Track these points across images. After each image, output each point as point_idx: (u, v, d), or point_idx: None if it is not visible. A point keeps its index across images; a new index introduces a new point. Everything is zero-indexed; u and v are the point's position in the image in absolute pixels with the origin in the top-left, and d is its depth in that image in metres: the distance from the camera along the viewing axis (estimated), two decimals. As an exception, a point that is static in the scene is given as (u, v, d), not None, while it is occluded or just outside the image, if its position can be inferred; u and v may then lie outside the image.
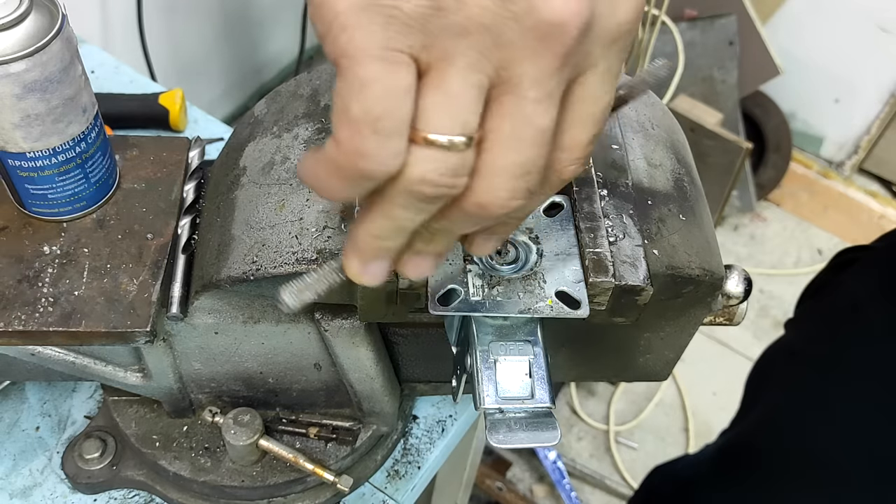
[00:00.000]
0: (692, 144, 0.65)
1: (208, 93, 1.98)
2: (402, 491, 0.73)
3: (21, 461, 0.71)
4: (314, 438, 0.69)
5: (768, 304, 2.19)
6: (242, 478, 0.67)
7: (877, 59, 2.12)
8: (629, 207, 0.55)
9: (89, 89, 0.56)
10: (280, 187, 0.56)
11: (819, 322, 0.94)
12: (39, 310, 0.54)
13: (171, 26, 1.76)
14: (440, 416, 0.77)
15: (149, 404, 0.69)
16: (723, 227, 2.33)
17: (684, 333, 0.62)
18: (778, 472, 0.85)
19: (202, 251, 0.58)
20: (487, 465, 1.78)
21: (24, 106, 0.51)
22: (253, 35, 2.05)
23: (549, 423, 0.48)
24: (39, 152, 0.54)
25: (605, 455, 1.89)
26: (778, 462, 0.86)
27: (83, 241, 0.58)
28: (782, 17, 2.16)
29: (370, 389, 0.64)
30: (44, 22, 0.51)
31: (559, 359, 0.65)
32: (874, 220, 2.28)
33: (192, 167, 0.63)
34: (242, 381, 0.65)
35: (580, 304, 0.50)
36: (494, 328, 0.51)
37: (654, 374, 0.67)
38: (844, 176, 2.36)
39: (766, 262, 2.28)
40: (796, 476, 0.84)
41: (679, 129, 0.64)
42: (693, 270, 0.54)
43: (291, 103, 0.61)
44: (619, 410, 1.95)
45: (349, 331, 0.58)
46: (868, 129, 2.27)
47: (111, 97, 0.95)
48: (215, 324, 0.59)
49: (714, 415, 1.95)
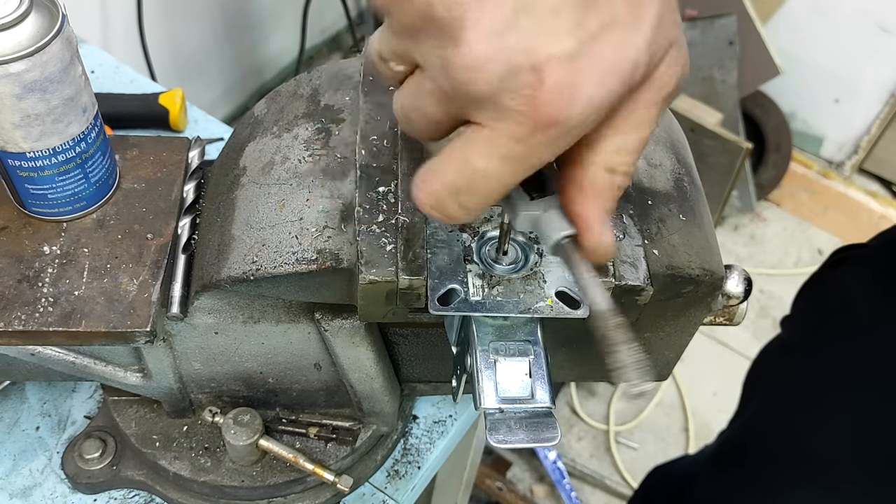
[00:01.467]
0: (692, 144, 0.65)
1: (208, 93, 1.99)
2: (402, 491, 0.73)
3: (21, 461, 0.71)
4: (314, 438, 0.69)
5: (768, 304, 2.19)
6: (242, 478, 0.67)
7: (877, 59, 2.12)
8: (629, 207, 0.55)
9: (89, 89, 0.56)
10: (280, 187, 0.56)
11: (811, 318, 0.95)
12: (39, 310, 0.54)
13: (171, 26, 1.76)
14: (440, 416, 0.77)
15: (149, 404, 0.69)
16: (723, 227, 2.33)
17: (684, 333, 0.62)
18: (770, 466, 0.86)
19: (202, 251, 0.58)
20: (487, 465, 1.78)
21: (24, 106, 0.51)
22: (253, 35, 2.05)
23: (549, 423, 0.48)
24: (39, 152, 0.54)
25: (605, 455, 1.89)
26: (770, 457, 0.87)
27: (83, 241, 0.58)
28: (782, 17, 2.16)
29: (370, 389, 0.64)
30: (44, 22, 0.51)
31: (559, 359, 0.65)
32: (874, 220, 2.28)
33: (192, 167, 0.63)
34: (242, 381, 0.65)
35: (580, 304, 0.50)
36: (494, 328, 0.51)
37: (655, 375, 0.67)
38: (844, 176, 2.36)
39: (766, 262, 2.28)
40: (788, 470, 0.84)
41: (679, 129, 0.64)
42: (693, 270, 0.54)
43: (291, 103, 0.61)
44: (619, 410, 1.95)
45: (349, 331, 0.58)
46: (868, 129, 2.27)
47: (111, 97, 0.95)
48: (215, 324, 0.59)
49: (714, 415, 1.95)
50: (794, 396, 0.88)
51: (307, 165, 0.56)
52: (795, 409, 0.87)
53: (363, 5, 2.31)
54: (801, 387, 0.88)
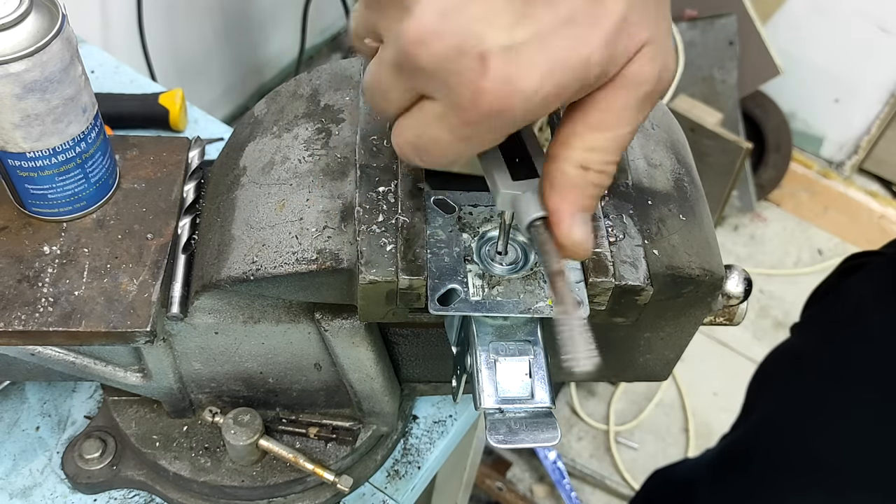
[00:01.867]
0: (692, 144, 0.65)
1: (208, 93, 1.98)
2: (402, 491, 0.73)
3: (21, 461, 0.71)
4: (314, 438, 0.69)
5: (768, 304, 2.19)
6: (242, 478, 0.67)
7: (877, 59, 2.12)
8: (629, 207, 0.55)
9: (89, 89, 0.56)
10: (280, 187, 0.56)
11: (823, 326, 0.94)
12: (39, 310, 0.54)
13: (171, 26, 1.76)
14: (440, 416, 0.77)
15: (149, 404, 0.69)
16: (723, 227, 2.33)
17: (684, 333, 0.62)
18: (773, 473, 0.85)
19: (202, 251, 0.58)
20: (487, 465, 1.78)
21: (24, 106, 0.51)
22: (253, 35, 2.05)
23: (549, 423, 0.49)
24: (39, 152, 0.54)
25: (605, 455, 1.89)
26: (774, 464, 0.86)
27: (83, 241, 0.58)
28: (782, 17, 2.16)
29: (370, 389, 0.64)
30: (44, 22, 0.51)
31: (559, 359, 0.65)
32: (874, 220, 2.28)
33: (192, 167, 0.63)
34: (242, 381, 0.65)
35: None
36: (494, 328, 0.51)
37: (655, 374, 0.67)
38: (844, 176, 2.36)
39: (766, 262, 2.28)
40: (791, 477, 0.84)
41: (679, 129, 0.64)
42: (693, 270, 0.54)
43: (291, 103, 0.61)
44: (619, 410, 1.95)
45: (349, 331, 0.58)
46: (868, 129, 2.27)
47: (111, 97, 0.95)
48: (215, 324, 0.59)
49: (714, 415, 1.95)
50: (802, 403, 0.88)
51: (307, 165, 0.56)
52: (802, 415, 0.87)
53: (363, 5, 2.31)
54: (810, 394, 0.87)
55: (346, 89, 0.61)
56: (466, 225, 0.53)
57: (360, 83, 0.61)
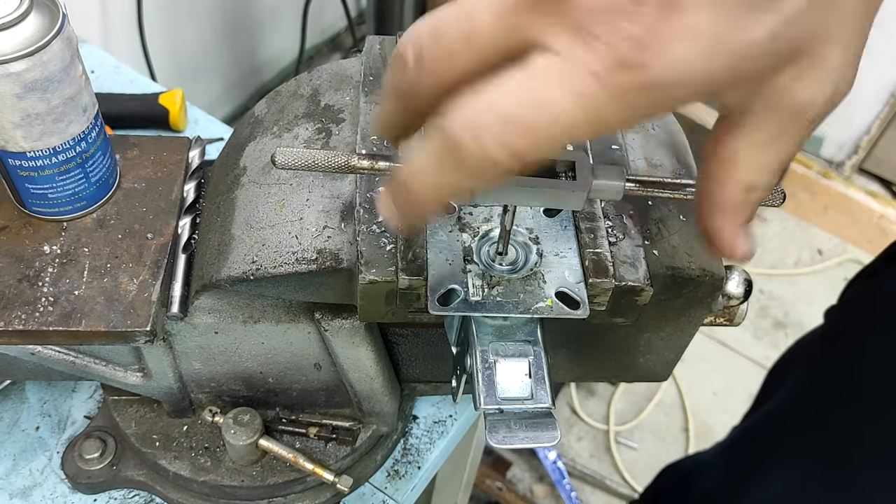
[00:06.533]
0: (692, 144, 0.64)
1: (208, 93, 1.99)
2: (402, 491, 0.73)
3: (21, 461, 0.71)
4: (314, 438, 0.69)
5: (768, 304, 2.19)
6: (242, 478, 0.67)
7: (877, 59, 2.12)
8: (629, 208, 0.55)
9: (89, 89, 0.56)
10: (280, 187, 0.56)
11: (861, 307, 0.92)
12: (39, 309, 0.54)
13: (171, 26, 1.76)
14: (440, 416, 0.77)
15: (149, 404, 0.69)
16: (723, 227, 2.32)
17: (684, 334, 0.62)
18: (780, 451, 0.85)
19: (202, 251, 0.58)
20: (487, 465, 1.78)
21: (24, 105, 0.51)
22: (253, 35, 2.05)
23: (549, 423, 0.48)
24: (39, 152, 0.54)
25: (605, 455, 1.89)
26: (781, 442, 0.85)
27: (83, 241, 0.58)
28: (782, 17, 2.16)
29: (370, 389, 0.64)
30: (44, 22, 0.51)
31: (559, 359, 0.65)
32: (874, 220, 2.28)
33: (193, 167, 0.63)
34: (242, 380, 0.65)
35: (580, 304, 0.50)
36: (494, 328, 0.51)
37: (655, 375, 0.67)
38: (844, 176, 2.36)
39: (766, 262, 2.28)
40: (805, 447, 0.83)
41: (679, 129, 0.64)
42: (693, 271, 0.54)
43: (291, 103, 0.61)
44: (619, 410, 1.95)
45: (349, 331, 0.58)
46: (868, 129, 2.27)
47: (111, 97, 0.95)
48: (215, 323, 0.59)
49: (714, 415, 1.95)
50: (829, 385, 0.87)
51: (307, 165, 0.56)
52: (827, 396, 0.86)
53: (363, 5, 2.31)
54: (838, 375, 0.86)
55: (346, 89, 0.61)
56: (466, 225, 0.53)
57: (360, 83, 0.61)
